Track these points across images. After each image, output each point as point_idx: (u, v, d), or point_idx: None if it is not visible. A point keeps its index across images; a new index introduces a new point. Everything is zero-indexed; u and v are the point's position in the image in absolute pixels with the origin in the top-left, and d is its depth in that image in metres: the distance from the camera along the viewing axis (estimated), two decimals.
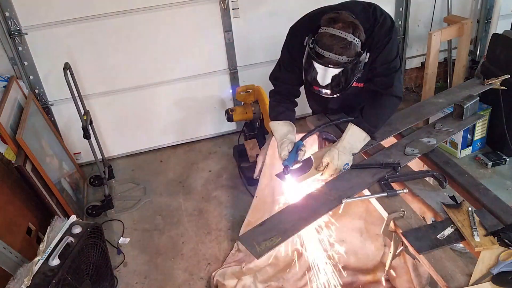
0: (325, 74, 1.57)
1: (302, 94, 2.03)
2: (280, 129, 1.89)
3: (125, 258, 2.51)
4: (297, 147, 1.77)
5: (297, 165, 1.75)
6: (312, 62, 1.57)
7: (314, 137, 2.04)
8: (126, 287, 2.34)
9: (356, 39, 1.54)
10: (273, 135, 2.23)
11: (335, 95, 1.67)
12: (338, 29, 1.52)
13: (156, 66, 3.14)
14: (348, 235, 2.15)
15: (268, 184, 2.28)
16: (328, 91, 1.64)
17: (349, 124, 1.80)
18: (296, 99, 1.99)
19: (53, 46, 2.88)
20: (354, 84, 1.70)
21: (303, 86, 2.01)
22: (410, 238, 1.41)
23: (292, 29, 1.85)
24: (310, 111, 2.25)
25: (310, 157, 1.81)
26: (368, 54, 1.60)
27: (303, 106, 2.04)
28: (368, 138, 1.79)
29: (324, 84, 1.60)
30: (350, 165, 1.72)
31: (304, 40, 1.63)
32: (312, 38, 1.58)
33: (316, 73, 1.59)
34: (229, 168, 3.18)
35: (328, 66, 1.55)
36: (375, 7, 1.73)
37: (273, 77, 1.99)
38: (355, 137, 1.77)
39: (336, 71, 1.56)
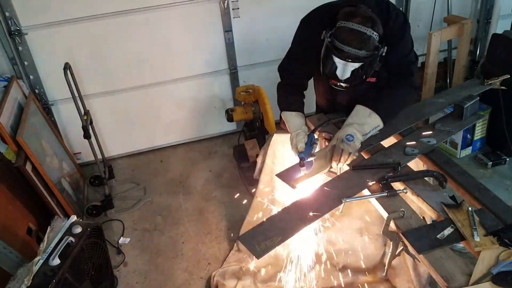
0: (344, 69, 1.58)
1: (307, 92, 2.04)
2: (294, 119, 1.88)
3: (125, 258, 2.51)
4: (310, 140, 1.77)
5: (311, 158, 1.74)
6: (331, 56, 1.57)
7: None
8: (126, 287, 2.35)
9: (375, 33, 1.55)
10: (272, 135, 2.22)
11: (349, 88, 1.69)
12: (357, 23, 1.53)
13: (156, 66, 3.14)
14: (348, 235, 2.15)
15: (268, 184, 2.28)
16: (347, 85, 1.65)
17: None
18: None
19: (53, 46, 2.89)
20: (368, 79, 1.71)
21: (311, 79, 2.02)
22: (410, 238, 1.41)
23: (304, 21, 1.85)
24: (311, 110, 2.25)
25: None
26: (386, 48, 1.60)
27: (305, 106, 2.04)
28: (376, 116, 1.75)
29: (343, 79, 1.61)
30: (355, 139, 1.68)
31: (316, 32, 1.63)
32: (330, 32, 1.58)
33: (335, 67, 1.59)
34: (229, 168, 3.18)
35: (347, 61, 1.55)
36: (387, 2, 1.74)
37: (281, 69, 1.99)
38: (359, 114, 1.77)
39: (356, 65, 1.57)
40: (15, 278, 1.68)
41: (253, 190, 2.43)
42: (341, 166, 1.73)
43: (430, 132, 1.87)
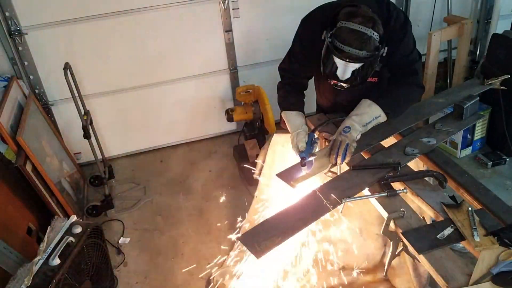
0: (345, 69, 1.59)
1: (307, 91, 2.04)
2: (294, 119, 1.89)
3: (125, 258, 2.51)
4: (311, 139, 1.77)
5: (311, 158, 1.73)
6: (332, 57, 1.58)
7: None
8: (126, 287, 2.35)
9: (376, 33, 1.55)
10: (272, 135, 2.22)
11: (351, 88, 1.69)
12: (358, 23, 1.53)
13: (156, 66, 3.14)
14: (348, 235, 2.15)
15: (268, 184, 2.28)
16: (347, 85, 1.65)
17: None
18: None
19: (53, 46, 2.88)
20: (369, 79, 1.71)
21: (311, 79, 2.02)
22: (410, 238, 1.41)
23: (304, 21, 1.85)
24: (311, 110, 2.25)
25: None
26: (386, 48, 1.60)
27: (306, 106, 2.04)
28: (376, 106, 1.74)
29: (343, 79, 1.62)
30: (352, 129, 1.69)
31: (317, 31, 1.64)
32: (331, 32, 1.58)
33: (336, 67, 1.60)
34: (229, 168, 3.18)
35: (348, 61, 1.55)
36: (388, 2, 1.74)
37: (282, 68, 2.00)
38: (360, 106, 1.77)
39: (356, 65, 1.57)
40: (15, 278, 1.68)
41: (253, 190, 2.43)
42: (340, 164, 1.73)
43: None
